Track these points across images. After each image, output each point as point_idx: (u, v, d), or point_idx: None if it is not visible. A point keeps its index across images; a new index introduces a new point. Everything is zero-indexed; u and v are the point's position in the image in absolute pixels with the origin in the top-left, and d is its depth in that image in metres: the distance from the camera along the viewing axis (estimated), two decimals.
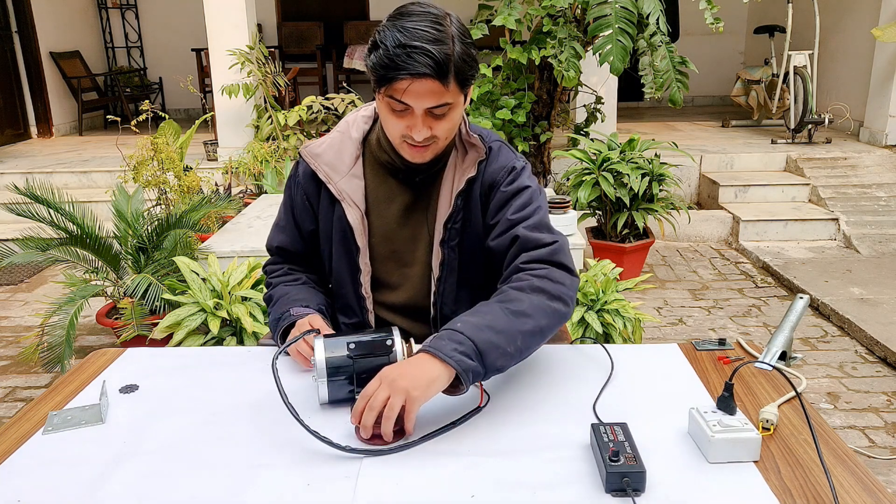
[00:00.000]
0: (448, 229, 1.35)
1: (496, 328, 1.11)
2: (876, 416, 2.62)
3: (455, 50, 1.18)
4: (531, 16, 4.23)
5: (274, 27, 8.39)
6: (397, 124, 1.24)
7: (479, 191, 1.35)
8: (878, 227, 4.60)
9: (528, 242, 1.27)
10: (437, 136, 1.25)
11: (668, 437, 1.05)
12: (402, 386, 1.02)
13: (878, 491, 0.92)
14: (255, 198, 4.29)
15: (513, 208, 1.31)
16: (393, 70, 1.16)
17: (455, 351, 1.06)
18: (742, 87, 6.55)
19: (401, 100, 1.19)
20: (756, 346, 1.37)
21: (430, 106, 1.20)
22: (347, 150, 1.39)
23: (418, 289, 1.41)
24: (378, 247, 1.40)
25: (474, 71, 1.23)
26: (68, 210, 3.00)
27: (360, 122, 1.42)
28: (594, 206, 3.97)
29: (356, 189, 1.37)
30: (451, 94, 1.20)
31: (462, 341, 1.07)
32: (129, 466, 1.00)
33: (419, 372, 1.04)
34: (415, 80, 1.16)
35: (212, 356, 1.38)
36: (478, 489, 0.94)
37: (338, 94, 5.13)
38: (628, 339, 2.49)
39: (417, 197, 1.39)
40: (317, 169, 1.37)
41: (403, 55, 1.15)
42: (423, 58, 1.14)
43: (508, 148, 1.39)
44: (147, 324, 2.82)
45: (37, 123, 7.00)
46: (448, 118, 1.24)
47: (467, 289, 1.40)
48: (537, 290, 1.20)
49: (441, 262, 1.37)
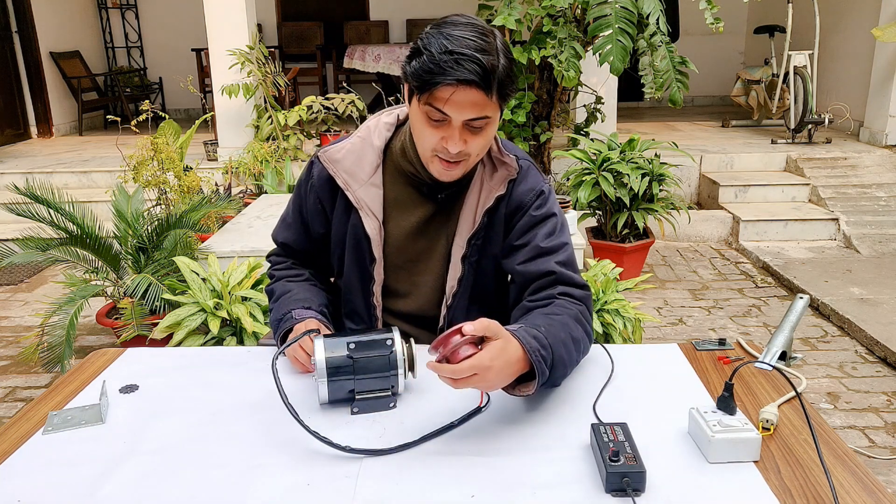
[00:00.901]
0: (471, 245, 1.34)
1: (567, 348, 1.15)
2: (876, 416, 2.62)
3: (500, 63, 1.16)
4: (531, 16, 4.23)
5: (274, 27, 8.39)
6: (432, 136, 1.21)
7: (504, 210, 1.34)
8: (878, 227, 4.60)
9: (563, 277, 1.29)
10: (470, 153, 1.23)
11: (668, 437, 1.05)
12: (493, 383, 1.03)
13: (878, 491, 0.92)
14: (255, 198, 4.29)
15: (541, 235, 1.31)
16: (438, 76, 1.13)
17: (542, 362, 1.08)
18: (742, 87, 6.55)
19: (442, 109, 1.16)
20: (756, 346, 1.37)
21: (470, 118, 1.17)
22: (368, 158, 1.36)
23: (428, 298, 1.41)
24: (391, 256, 1.39)
25: (514, 88, 1.22)
26: (68, 210, 3.00)
27: (382, 128, 1.38)
28: (594, 206, 3.97)
29: (375, 198, 1.35)
30: (492, 107, 1.18)
31: (548, 358, 1.09)
32: (129, 466, 1.00)
33: (510, 371, 1.05)
34: (460, 87, 1.13)
35: (212, 356, 1.38)
36: (478, 489, 0.94)
37: (338, 94, 5.13)
38: (628, 339, 2.49)
39: (438, 210, 1.37)
40: (335, 175, 1.34)
41: (451, 61, 1.12)
42: (472, 65, 1.12)
43: (536, 168, 1.38)
44: (147, 324, 2.82)
45: (37, 123, 7.00)
46: (483, 134, 1.22)
47: (478, 303, 1.40)
48: (580, 322, 1.23)
49: (460, 277, 1.36)
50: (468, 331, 1.00)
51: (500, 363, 1.02)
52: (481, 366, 1.00)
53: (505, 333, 1.05)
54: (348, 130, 5.45)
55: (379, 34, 8.27)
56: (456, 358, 1.00)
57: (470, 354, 1.00)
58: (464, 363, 0.99)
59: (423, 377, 1.23)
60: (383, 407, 1.14)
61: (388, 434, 1.07)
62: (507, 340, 1.04)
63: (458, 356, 1.00)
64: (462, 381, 1.00)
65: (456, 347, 1.00)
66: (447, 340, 1.01)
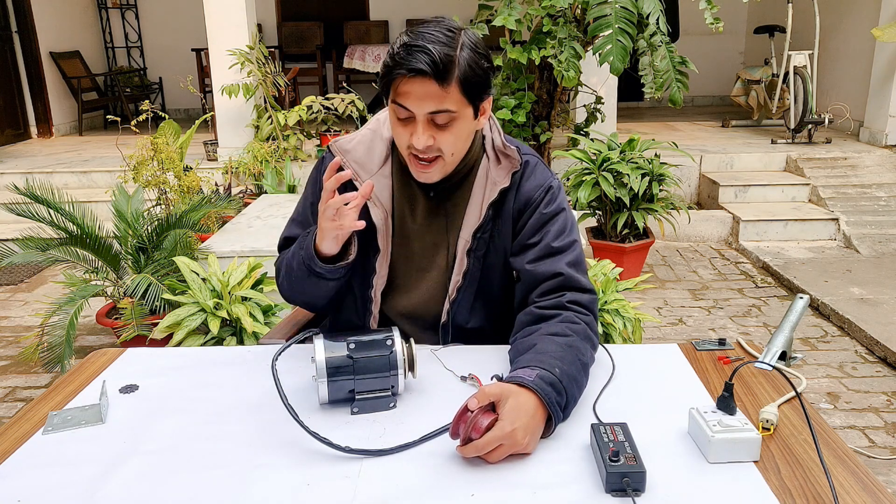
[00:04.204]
0: (477, 239, 1.34)
1: (579, 384, 1.14)
2: (876, 416, 2.62)
3: (461, 55, 1.17)
4: (531, 16, 4.23)
5: (274, 27, 8.39)
6: (404, 135, 1.23)
7: (511, 205, 1.34)
8: (878, 227, 4.60)
9: (571, 281, 1.29)
10: (442, 151, 1.23)
11: (668, 437, 1.05)
12: (526, 443, 1.00)
13: (878, 491, 0.92)
14: (255, 198, 4.29)
15: (552, 234, 1.31)
16: (394, 69, 1.16)
17: (559, 407, 1.07)
18: (742, 87, 6.55)
19: (402, 104, 1.18)
20: (756, 346, 1.36)
21: (431, 111, 1.18)
22: (378, 149, 1.37)
23: (431, 295, 1.39)
24: (396, 248, 1.38)
25: (484, 82, 1.22)
26: (68, 210, 3.00)
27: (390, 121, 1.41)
28: (594, 206, 3.97)
29: (384, 189, 1.36)
30: (453, 100, 1.18)
31: (563, 403, 1.08)
32: (129, 466, 1.00)
33: (535, 424, 1.03)
34: (412, 78, 1.15)
35: (212, 356, 1.38)
36: (478, 489, 0.94)
37: (338, 94, 5.13)
38: (628, 339, 2.49)
39: (443, 203, 1.37)
40: (345, 165, 1.34)
41: (404, 53, 1.15)
42: (422, 55, 1.14)
43: (544, 164, 1.38)
44: (147, 324, 2.82)
45: (37, 123, 7.00)
46: (452, 130, 1.22)
47: (482, 300, 1.39)
48: (588, 339, 1.23)
49: (465, 271, 1.35)
50: (474, 405, 0.99)
51: (522, 422, 1.00)
52: (504, 433, 0.98)
53: (511, 390, 1.04)
54: (348, 130, 5.46)
55: (379, 34, 8.27)
56: (478, 432, 0.99)
57: (490, 423, 0.99)
58: (486, 436, 0.98)
59: (423, 377, 1.23)
60: (383, 407, 1.14)
61: (388, 434, 1.07)
62: (516, 396, 1.03)
63: (479, 429, 0.99)
64: (494, 454, 0.99)
65: (472, 422, 0.99)
66: (459, 423, 0.99)
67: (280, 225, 3.33)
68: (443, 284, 1.39)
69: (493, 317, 1.42)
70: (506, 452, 0.99)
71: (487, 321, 1.41)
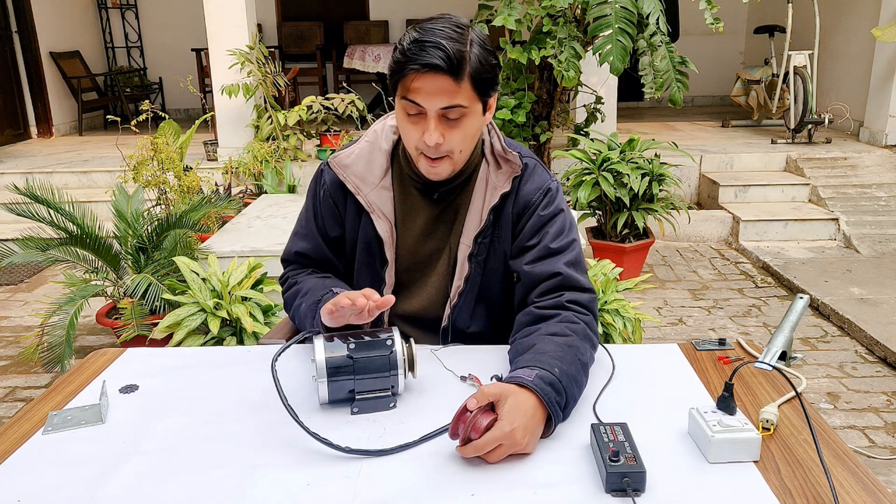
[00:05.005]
0: (478, 244, 1.34)
1: (578, 383, 1.14)
2: (876, 416, 2.62)
3: (472, 51, 1.18)
4: (531, 16, 4.23)
5: (274, 27, 8.39)
6: (413, 132, 1.23)
7: (511, 208, 1.34)
8: (878, 227, 4.60)
9: (570, 281, 1.29)
10: (452, 148, 1.23)
11: (668, 437, 1.05)
12: (527, 442, 1.00)
13: (878, 491, 0.92)
14: (255, 198, 4.29)
15: (550, 235, 1.31)
16: (406, 64, 1.16)
17: (559, 407, 1.07)
18: (742, 87, 6.55)
19: (414, 100, 1.18)
20: (756, 346, 1.37)
21: (443, 106, 1.18)
22: (377, 162, 1.37)
23: (434, 299, 1.40)
24: (402, 258, 1.39)
25: (493, 78, 1.22)
26: (68, 210, 3.00)
27: (388, 132, 1.40)
28: (594, 206, 3.97)
29: (386, 201, 1.36)
30: (465, 95, 1.19)
31: (562, 402, 1.08)
32: (129, 466, 1.00)
33: (535, 424, 1.03)
34: (426, 73, 1.15)
35: (212, 356, 1.38)
36: (478, 489, 0.94)
37: (338, 94, 5.12)
38: (628, 339, 2.49)
39: (444, 209, 1.37)
40: (346, 180, 1.35)
41: (416, 49, 1.15)
42: (435, 51, 1.14)
43: (543, 167, 1.39)
44: (147, 324, 2.82)
45: (37, 123, 7.00)
46: (462, 126, 1.22)
47: (484, 304, 1.40)
48: (587, 338, 1.23)
49: (466, 276, 1.35)
50: (473, 405, 0.99)
51: (521, 422, 1.00)
52: (503, 433, 0.98)
53: (510, 389, 1.04)
54: (348, 130, 5.46)
55: (379, 34, 8.27)
56: (477, 432, 0.99)
57: (489, 423, 0.99)
58: (486, 436, 0.98)
59: (422, 377, 1.23)
60: (383, 407, 1.14)
61: (388, 434, 1.07)
62: (515, 396, 1.03)
63: (478, 429, 0.99)
64: (493, 454, 0.99)
65: (472, 422, 0.99)
66: (458, 423, 0.99)
67: (280, 225, 3.33)
68: (444, 289, 1.39)
69: (493, 321, 1.42)
70: (505, 452, 0.99)
71: (488, 326, 1.42)
